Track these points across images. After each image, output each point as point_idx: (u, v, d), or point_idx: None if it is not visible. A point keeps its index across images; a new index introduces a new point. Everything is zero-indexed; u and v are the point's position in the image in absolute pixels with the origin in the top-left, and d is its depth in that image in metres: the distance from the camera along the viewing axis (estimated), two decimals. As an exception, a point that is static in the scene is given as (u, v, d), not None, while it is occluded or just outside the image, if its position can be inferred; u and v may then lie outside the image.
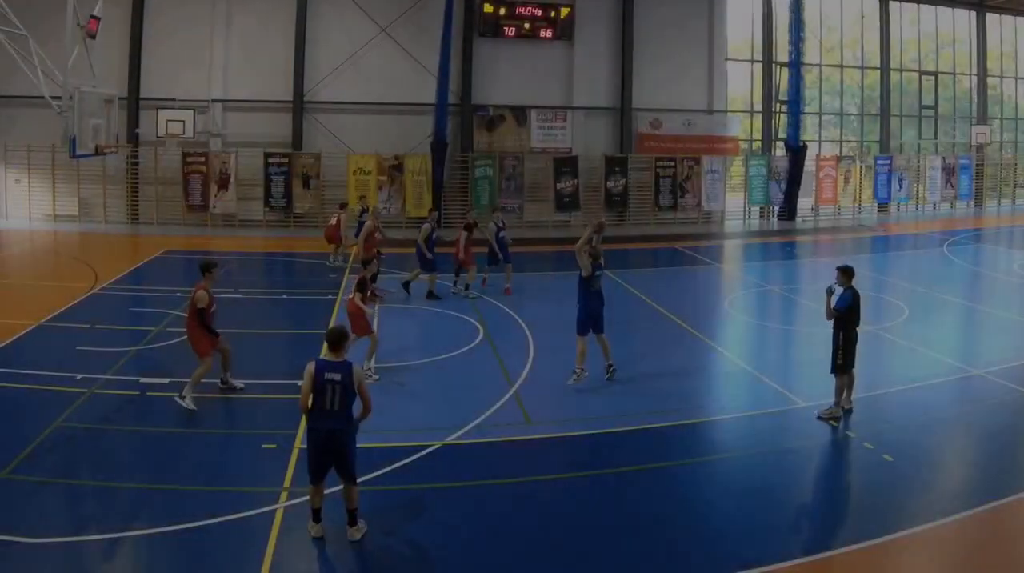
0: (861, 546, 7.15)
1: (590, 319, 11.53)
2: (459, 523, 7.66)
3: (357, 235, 18.14)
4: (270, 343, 13.93)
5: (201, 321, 10.42)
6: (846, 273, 10.07)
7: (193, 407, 10.11)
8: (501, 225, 17.34)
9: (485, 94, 27.20)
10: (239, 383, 10.90)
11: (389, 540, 7.35)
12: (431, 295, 16.51)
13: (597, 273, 11.58)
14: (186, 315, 10.53)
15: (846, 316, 9.97)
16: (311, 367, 7.11)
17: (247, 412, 10.71)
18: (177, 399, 10.15)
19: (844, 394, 10.14)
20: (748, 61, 29.96)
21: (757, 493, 8.25)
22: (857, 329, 10.13)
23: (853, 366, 10.09)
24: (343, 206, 20.85)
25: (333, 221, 20.18)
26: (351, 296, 11.81)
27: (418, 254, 16.50)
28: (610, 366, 11.59)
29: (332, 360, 7.16)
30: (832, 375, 10.13)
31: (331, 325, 7.60)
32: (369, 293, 12.02)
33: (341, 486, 7.34)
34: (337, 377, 7.04)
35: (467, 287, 16.75)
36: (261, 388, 11.21)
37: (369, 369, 11.60)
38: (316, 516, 7.28)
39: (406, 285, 16.94)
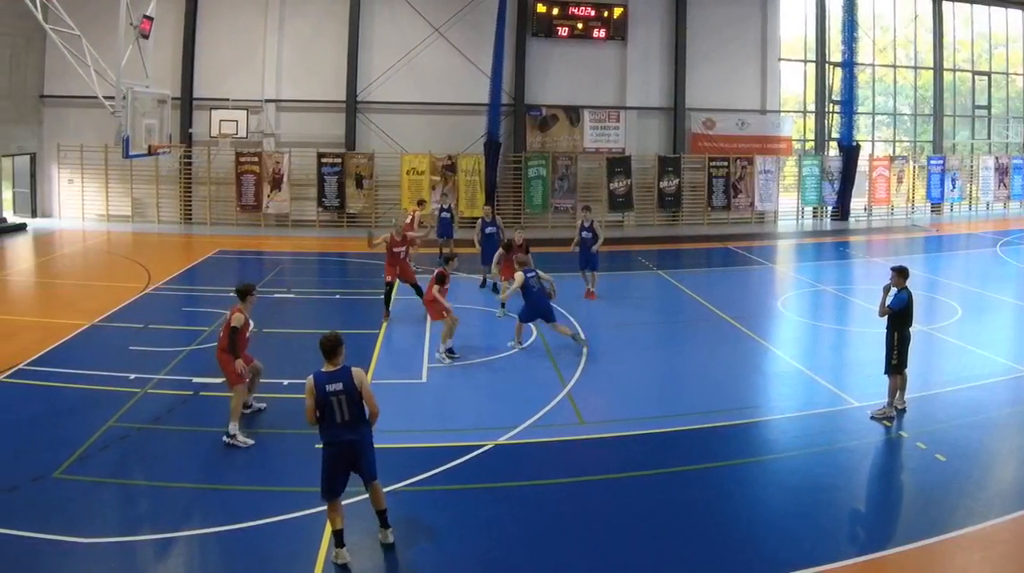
0: (915, 546, 7.12)
1: (535, 313, 12.78)
2: (512, 523, 7.61)
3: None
4: None
5: (231, 343, 9.49)
6: (902, 274, 10.07)
7: (249, 442, 9.25)
8: (587, 225, 16.56)
9: (538, 94, 27.06)
10: (261, 404, 10.38)
11: (441, 540, 7.32)
12: (492, 287, 16.62)
13: (530, 275, 12.67)
14: (219, 336, 9.80)
15: (900, 316, 9.97)
16: (310, 382, 6.84)
17: (299, 412, 10.49)
18: (225, 440, 9.22)
19: (897, 394, 10.10)
20: (801, 61, 29.69)
21: (811, 493, 8.22)
22: (910, 330, 10.12)
23: (906, 366, 10.08)
24: (420, 203, 20.73)
25: (408, 219, 19.97)
26: (430, 286, 12.31)
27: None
28: (574, 336, 12.81)
29: (331, 370, 6.89)
30: (886, 375, 10.11)
31: (325, 334, 7.11)
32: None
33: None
34: (339, 386, 6.78)
35: (503, 306, 15.26)
36: None
37: (440, 353, 12.17)
38: (339, 540, 6.82)
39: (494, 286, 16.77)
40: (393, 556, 7.04)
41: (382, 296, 14.87)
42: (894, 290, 10.02)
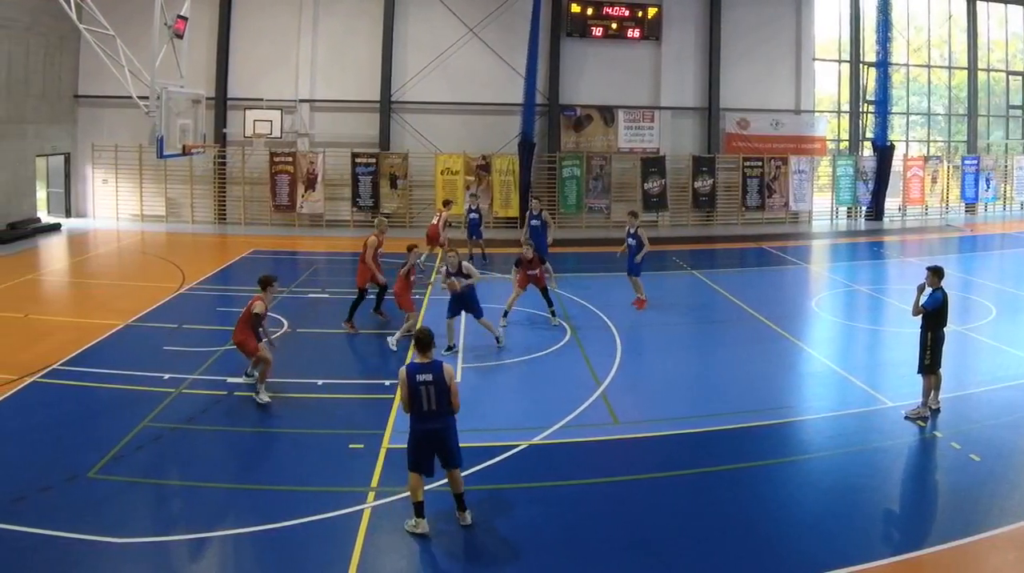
0: (949, 546, 7.09)
1: (457, 307, 12.79)
2: (546, 523, 7.57)
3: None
4: (357, 343, 13.74)
5: (253, 326, 10.59)
6: (937, 274, 10.00)
7: (266, 399, 10.39)
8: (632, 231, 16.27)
9: (572, 94, 26.97)
10: (266, 398, 10.48)
11: (476, 540, 7.30)
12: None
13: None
14: (238, 320, 10.72)
15: (934, 316, 9.91)
16: (403, 373, 7.25)
17: (334, 412, 10.66)
18: (256, 397, 10.33)
19: (931, 394, 10.02)
20: (835, 61, 29.55)
21: (845, 493, 8.18)
22: (944, 330, 10.05)
23: (940, 366, 10.01)
24: (447, 203, 20.65)
25: (435, 219, 19.93)
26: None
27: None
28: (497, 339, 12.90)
29: (422, 362, 7.29)
30: (919, 375, 10.04)
31: (421, 329, 7.57)
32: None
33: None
34: (429, 378, 7.17)
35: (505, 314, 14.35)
36: (348, 388, 11.18)
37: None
38: (420, 510, 7.25)
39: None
40: (427, 555, 7.07)
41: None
42: (928, 290, 9.97)
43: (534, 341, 13.38)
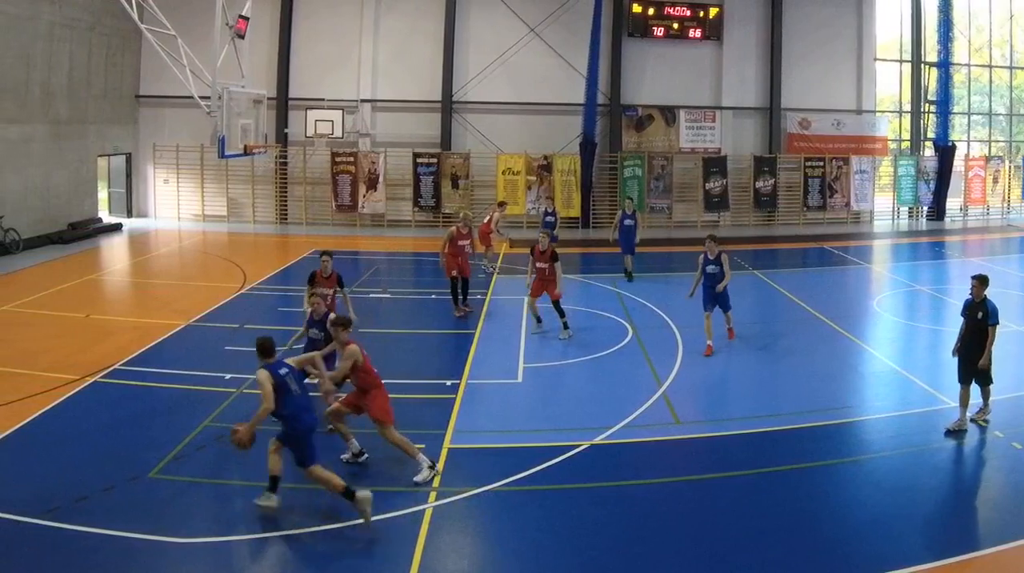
0: (1011, 545, 7.01)
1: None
2: (608, 523, 7.52)
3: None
4: (419, 343, 13.74)
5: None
6: (983, 282, 9.50)
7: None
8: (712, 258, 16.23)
9: (634, 94, 26.87)
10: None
11: (537, 539, 7.22)
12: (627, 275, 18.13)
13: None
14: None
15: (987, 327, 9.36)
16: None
17: (395, 412, 10.56)
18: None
19: (985, 402, 9.68)
20: (897, 61, 29.31)
21: (908, 492, 8.11)
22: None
23: (991, 381, 9.58)
24: (501, 204, 20.61)
25: (486, 219, 19.85)
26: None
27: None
28: None
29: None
30: (963, 384, 9.60)
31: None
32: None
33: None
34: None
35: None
36: (409, 388, 11.08)
37: None
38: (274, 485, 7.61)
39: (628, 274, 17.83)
40: (489, 555, 7.05)
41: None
42: (973, 298, 9.45)
43: (595, 341, 13.28)
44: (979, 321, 9.37)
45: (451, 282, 14.86)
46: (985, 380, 9.55)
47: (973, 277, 9.61)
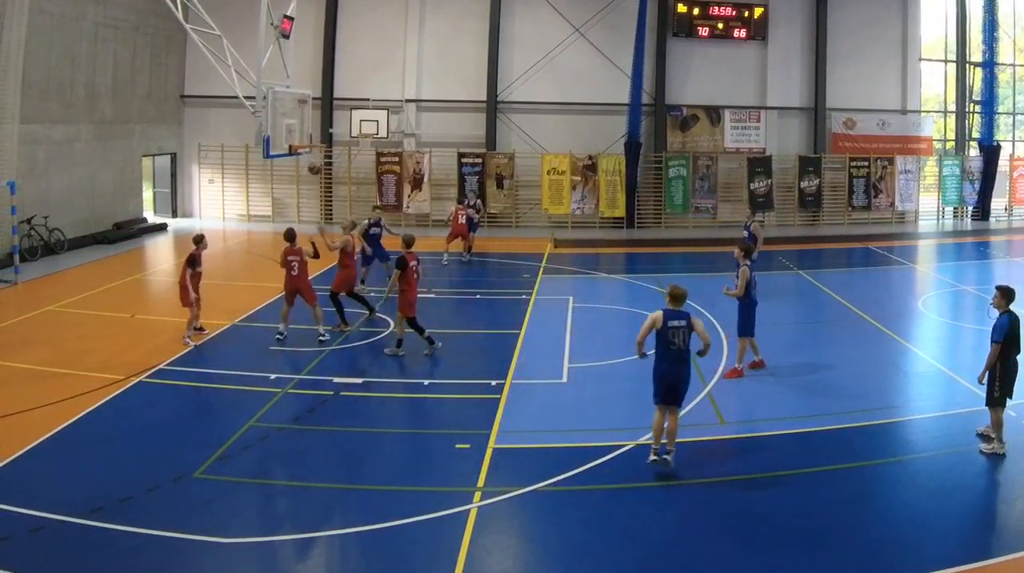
0: None
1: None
2: (652, 523, 7.54)
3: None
4: (464, 343, 13.67)
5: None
6: (1005, 295, 8.92)
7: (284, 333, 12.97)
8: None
9: (678, 94, 26.78)
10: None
11: (582, 539, 7.21)
12: None
13: None
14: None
15: (1004, 344, 8.79)
16: (658, 315, 8.41)
17: (440, 412, 10.66)
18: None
19: (994, 428, 8.97)
20: (942, 61, 29.17)
21: (953, 493, 8.11)
22: (1018, 357, 8.98)
23: (1011, 397, 8.91)
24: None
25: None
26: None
27: None
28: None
29: (675, 310, 8.47)
30: (987, 408, 9.04)
31: (675, 285, 8.64)
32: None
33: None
34: (682, 323, 8.40)
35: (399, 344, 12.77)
36: (454, 388, 11.09)
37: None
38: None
39: None
40: (535, 555, 7.05)
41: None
42: (995, 314, 8.93)
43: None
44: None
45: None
46: (988, 399, 8.96)
47: (996, 287, 9.11)
